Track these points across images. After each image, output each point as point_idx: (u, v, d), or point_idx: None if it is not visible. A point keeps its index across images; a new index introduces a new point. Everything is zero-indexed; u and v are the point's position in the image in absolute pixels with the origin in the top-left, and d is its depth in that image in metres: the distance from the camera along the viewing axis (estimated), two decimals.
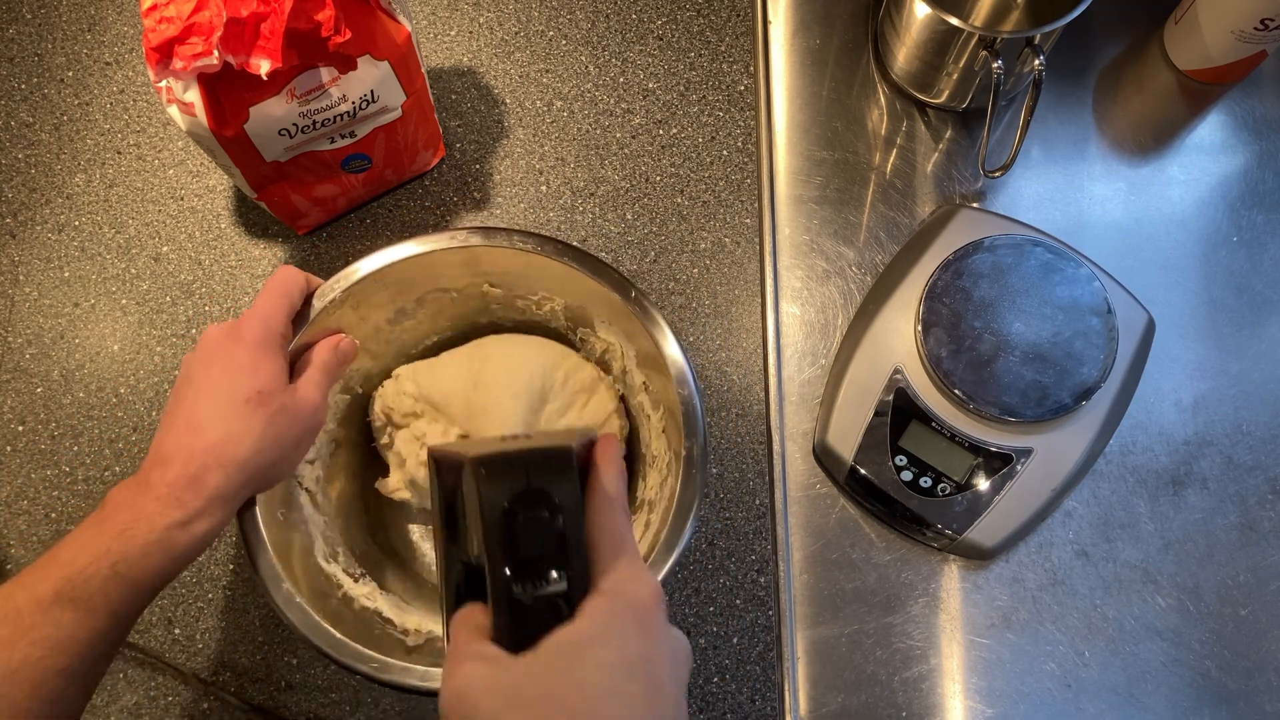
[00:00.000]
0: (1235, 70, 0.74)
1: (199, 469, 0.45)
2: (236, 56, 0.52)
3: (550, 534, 0.34)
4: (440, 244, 0.56)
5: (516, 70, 0.76)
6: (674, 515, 0.52)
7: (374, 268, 0.55)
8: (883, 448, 0.65)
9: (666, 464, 0.56)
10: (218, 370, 0.48)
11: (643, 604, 0.35)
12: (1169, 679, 0.64)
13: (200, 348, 0.50)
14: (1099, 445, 0.65)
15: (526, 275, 0.58)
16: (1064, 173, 0.74)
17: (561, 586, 0.34)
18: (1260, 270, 0.72)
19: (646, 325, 0.55)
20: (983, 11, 0.76)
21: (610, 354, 0.61)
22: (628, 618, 0.34)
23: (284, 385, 0.49)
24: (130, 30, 0.77)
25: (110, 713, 0.62)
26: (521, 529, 0.34)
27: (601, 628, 0.34)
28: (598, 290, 0.56)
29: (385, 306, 0.59)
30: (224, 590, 0.64)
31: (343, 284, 0.55)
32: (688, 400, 0.53)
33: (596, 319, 0.59)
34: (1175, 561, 0.66)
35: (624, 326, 0.57)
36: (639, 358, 0.58)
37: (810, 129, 0.76)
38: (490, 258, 0.57)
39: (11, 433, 0.67)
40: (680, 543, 0.51)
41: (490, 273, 0.59)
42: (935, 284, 0.66)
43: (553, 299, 0.60)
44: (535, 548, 0.34)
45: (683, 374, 0.54)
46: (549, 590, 0.34)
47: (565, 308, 0.61)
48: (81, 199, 0.72)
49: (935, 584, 0.65)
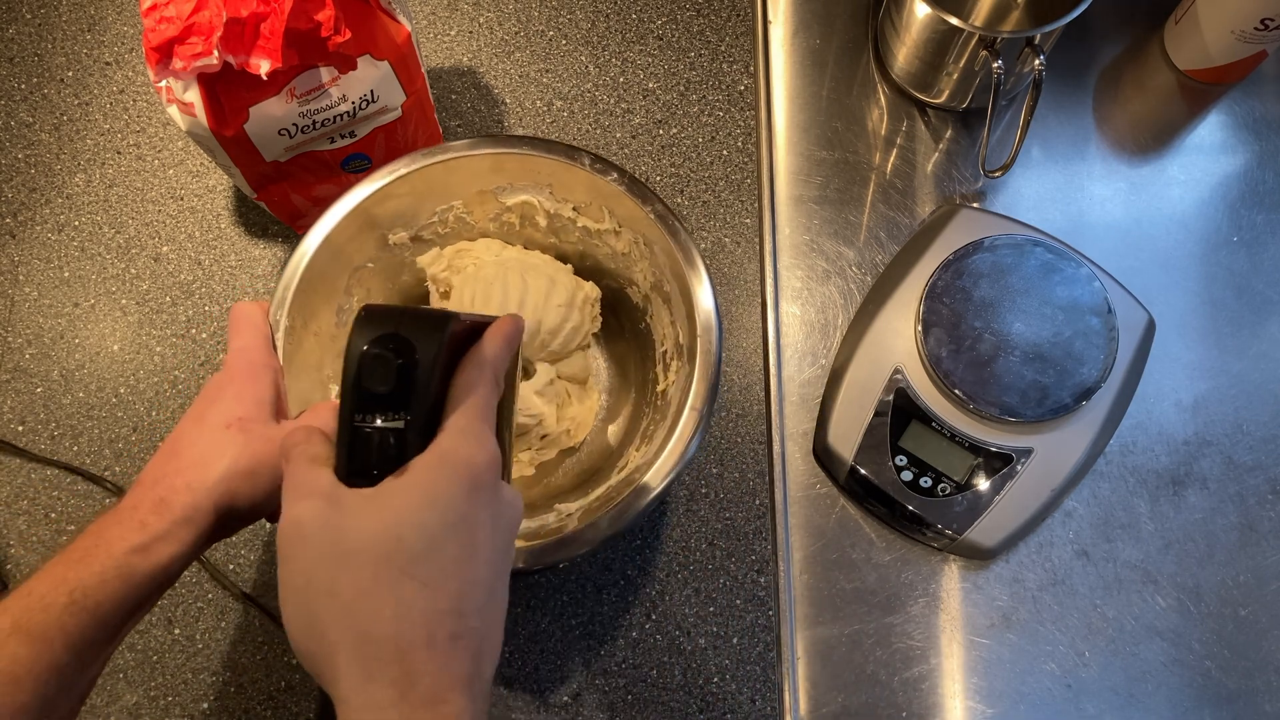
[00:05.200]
0: (1235, 70, 0.74)
1: (167, 491, 0.44)
2: (236, 56, 0.52)
3: (401, 377, 0.36)
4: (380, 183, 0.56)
5: (516, 70, 0.76)
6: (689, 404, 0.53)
7: (294, 273, 0.55)
8: (883, 448, 0.65)
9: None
10: (206, 401, 0.48)
11: (475, 467, 0.36)
12: (1169, 679, 0.64)
13: (201, 392, 0.49)
14: (1099, 445, 0.65)
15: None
16: (1064, 173, 0.74)
17: (399, 424, 0.36)
18: (1260, 270, 0.72)
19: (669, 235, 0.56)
20: (983, 11, 0.76)
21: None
22: (457, 478, 0.35)
23: (268, 416, 0.48)
24: (130, 30, 0.77)
25: (110, 713, 0.62)
26: (371, 363, 0.36)
27: (429, 485, 0.35)
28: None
29: (328, 312, 0.59)
30: (224, 590, 0.64)
31: (284, 296, 0.55)
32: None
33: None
34: (1175, 561, 0.66)
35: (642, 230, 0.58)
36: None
37: (810, 129, 0.76)
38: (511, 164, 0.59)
39: (11, 433, 0.67)
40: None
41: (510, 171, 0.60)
42: (935, 284, 0.66)
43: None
44: (381, 384, 0.36)
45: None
46: (387, 425, 0.36)
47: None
48: (81, 199, 0.72)
49: (935, 584, 0.65)
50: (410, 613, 0.34)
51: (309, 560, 0.35)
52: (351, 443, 0.36)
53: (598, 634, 0.64)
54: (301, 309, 0.56)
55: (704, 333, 0.54)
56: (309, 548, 0.35)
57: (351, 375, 0.36)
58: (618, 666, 0.63)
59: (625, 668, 0.63)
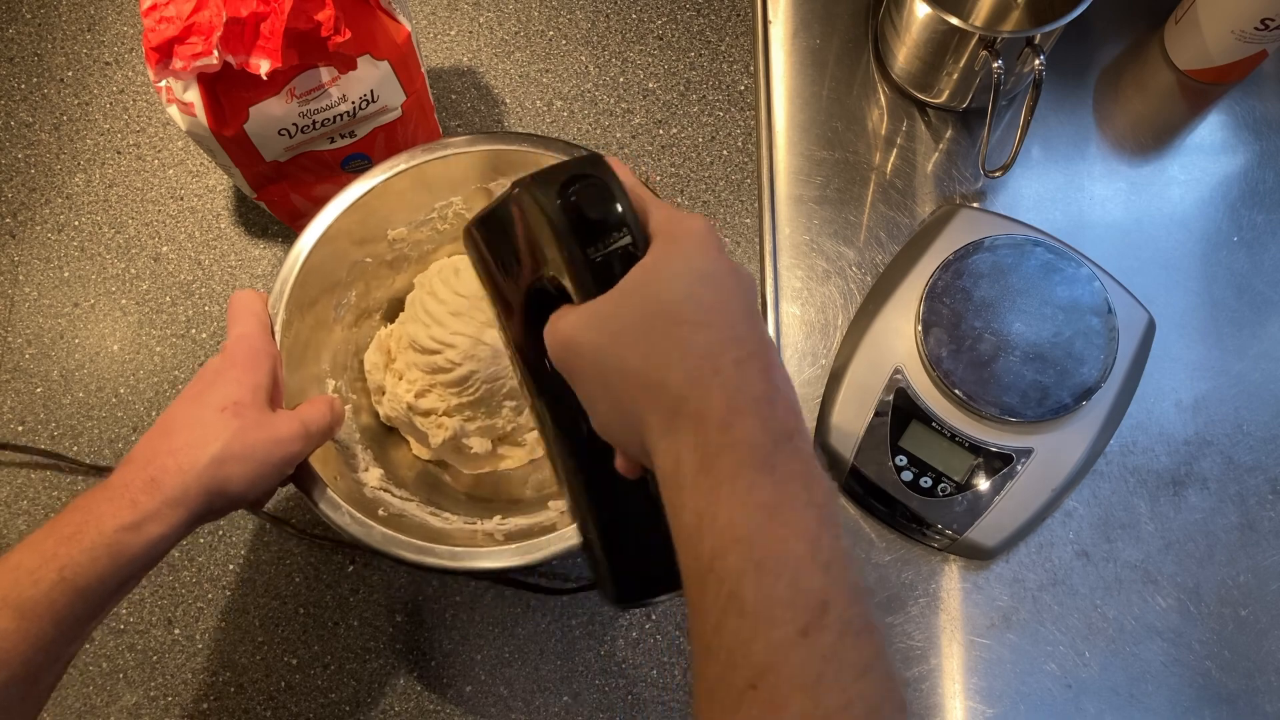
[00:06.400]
0: (1235, 70, 0.74)
1: (158, 470, 0.44)
2: (236, 56, 0.52)
3: (605, 200, 0.38)
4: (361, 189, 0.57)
5: (516, 70, 0.76)
6: None
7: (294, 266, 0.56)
8: (883, 448, 0.65)
9: None
10: (203, 384, 0.48)
11: (697, 232, 0.38)
12: (1169, 679, 0.64)
13: (197, 374, 0.49)
14: (1099, 445, 0.65)
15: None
16: (1064, 173, 0.74)
17: (627, 239, 0.38)
18: (1261, 270, 0.72)
19: None
20: (983, 11, 0.76)
21: None
22: (687, 243, 0.37)
23: (263, 403, 0.48)
24: (130, 30, 0.77)
25: (110, 713, 0.62)
26: (582, 201, 0.38)
27: (666, 255, 0.37)
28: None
29: (326, 305, 0.59)
30: (224, 590, 0.64)
31: (283, 289, 0.55)
32: None
33: None
34: (1175, 561, 0.66)
35: None
36: None
37: (810, 129, 0.76)
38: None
39: (11, 433, 0.67)
40: None
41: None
42: (935, 284, 0.66)
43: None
44: (597, 211, 0.38)
45: None
46: (618, 245, 0.38)
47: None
48: (81, 199, 0.72)
49: (935, 584, 0.65)
50: (693, 350, 0.35)
51: (590, 360, 0.38)
52: (593, 273, 0.38)
53: (598, 634, 0.64)
54: (299, 302, 0.56)
55: None
56: (585, 354, 0.38)
57: (566, 221, 0.38)
58: (618, 666, 0.63)
59: (625, 668, 0.63)
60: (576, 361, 0.38)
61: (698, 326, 0.35)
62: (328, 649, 0.64)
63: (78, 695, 0.62)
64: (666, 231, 0.38)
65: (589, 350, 0.37)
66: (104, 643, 0.63)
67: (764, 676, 0.31)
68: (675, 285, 0.36)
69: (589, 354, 0.38)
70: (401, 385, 0.61)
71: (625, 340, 0.36)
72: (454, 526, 0.56)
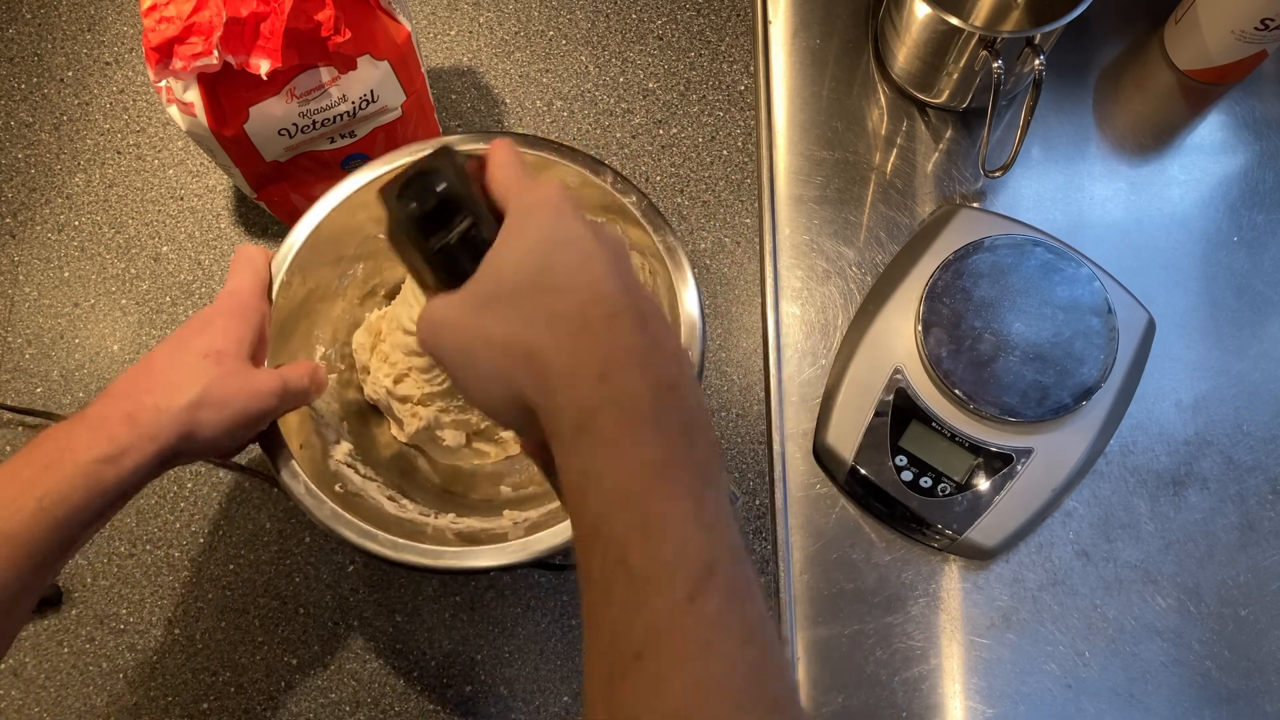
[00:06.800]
0: (1235, 70, 0.74)
1: (135, 407, 0.44)
2: (236, 56, 0.52)
3: (435, 190, 0.38)
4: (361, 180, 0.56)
5: (516, 70, 0.76)
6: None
7: (304, 233, 0.55)
8: (883, 448, 0.65)
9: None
10: (190, 330, 0.48)
11: (550, 200, 0.38)
12: (1169, 679, 0.64)
13: (187, 320, 0.50)
14: (1099, 445, 0.65)
15: None
16: (1064, 173, 0.74)
17: (468, 221, 0.38)
18: (1261, 270, 0.72)
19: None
20: (983, 11, 0.76)
21: None
22: (539, 213, 0.37)
23: (245, 354, 0.49)
24: (130, 30, 0.77)
25: (110, 713, 0.62)
26: (416, 193, 0.38)
27: (520, 227, 0.37)
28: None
29: (331, 274, 0.59)
30: (224, 590, 0.64)
31: (289, 251, 0.55)
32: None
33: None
34: (1175, 561, 0.66)
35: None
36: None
37: (810, 129, 0.76)
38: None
39: (11, 433, 0.67)
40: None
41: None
42: (935, 284, 0.66)
43: None
44: (430, 202, 0.38)
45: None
46: (459, 229, 0.38)
47: None
48: (81, 199, 0.72)
49: (935, 584, 0.65)
50: (559, 314, 0.35)
51: (452, 338, 0.37)
52: (444, 262, 0.38)
53: None
54: (303, 267, 0.56)
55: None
56: (446, 334, 0.37)
57: (404, 215, 0.38)
58: None
59: None
60: (438, 340, 0.38)
61: (561, 292, 0.35)
62: (328, 649, 0.64)
63: (78, 695, 0.62)
64: (518, 205, 0.38)
65: (450, 330, 0.37)
66: (104, 643, 0.63)
67: (650, 645, 0.30)
68: (531, 255, 0.36)
69: (450, 334, 0.37)
70: (384, 368, 0.61)
71: (488, 316, 0.36)
72: (407, 516, 0.55)
